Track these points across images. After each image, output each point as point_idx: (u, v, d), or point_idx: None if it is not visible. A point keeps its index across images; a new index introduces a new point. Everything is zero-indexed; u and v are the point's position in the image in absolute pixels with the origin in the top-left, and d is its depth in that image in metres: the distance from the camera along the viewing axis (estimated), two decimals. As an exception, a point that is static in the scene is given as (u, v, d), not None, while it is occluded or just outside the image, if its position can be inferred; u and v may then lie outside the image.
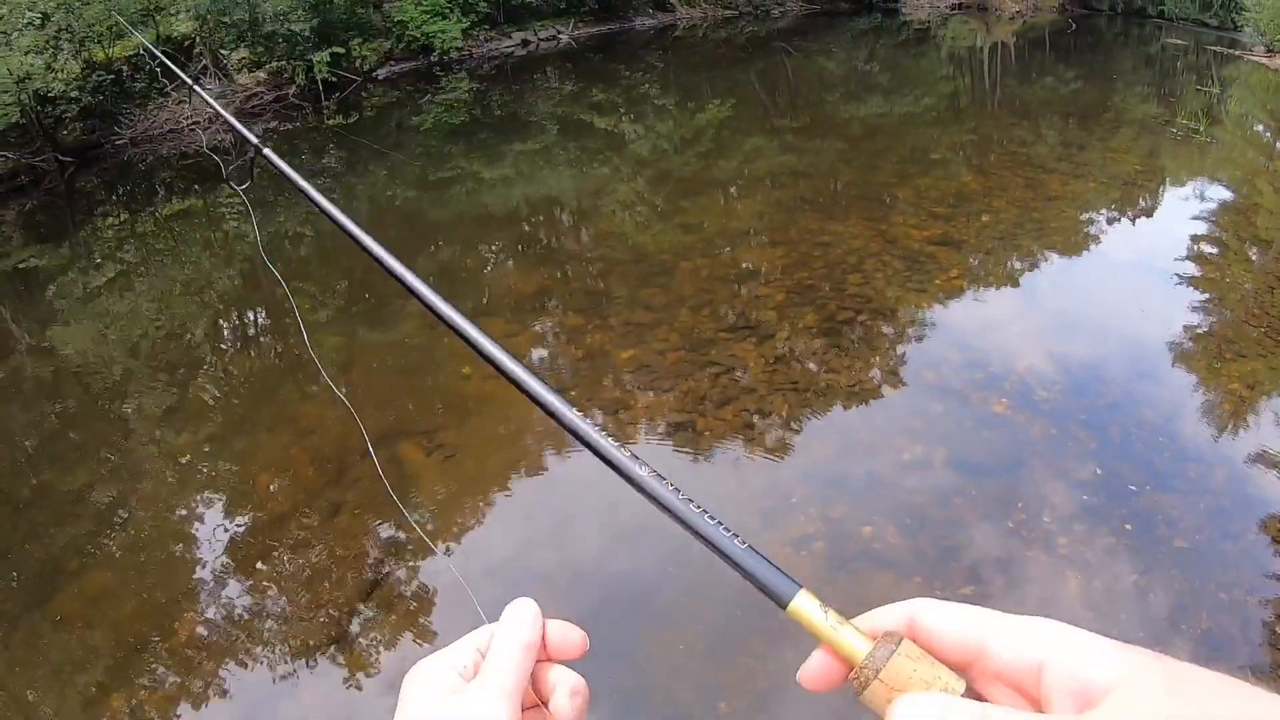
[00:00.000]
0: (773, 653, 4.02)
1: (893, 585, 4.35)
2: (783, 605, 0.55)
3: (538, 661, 0.63)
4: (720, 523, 0.59)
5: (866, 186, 11.04)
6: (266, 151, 1.45)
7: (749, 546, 0.57)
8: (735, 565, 0.57)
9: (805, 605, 0.55)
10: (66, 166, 13.71)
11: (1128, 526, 4.65)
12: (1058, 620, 0.50)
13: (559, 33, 22.40)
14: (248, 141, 1.50)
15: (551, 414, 0.69)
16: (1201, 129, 12.93)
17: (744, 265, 8.57)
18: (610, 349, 6.95)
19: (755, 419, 5.89)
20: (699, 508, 0.60)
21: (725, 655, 4.05)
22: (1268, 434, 5.56)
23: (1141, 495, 4.90)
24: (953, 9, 28.46)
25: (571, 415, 0.68)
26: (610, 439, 0.64)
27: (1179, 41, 21.49)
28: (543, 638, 0.64)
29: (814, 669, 0.55)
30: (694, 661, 4.03)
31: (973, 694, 0.50)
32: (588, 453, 0.65)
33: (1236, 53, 19.45)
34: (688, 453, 5.63)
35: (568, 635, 0.66)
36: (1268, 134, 14.25)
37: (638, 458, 0.63)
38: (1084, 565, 4.41)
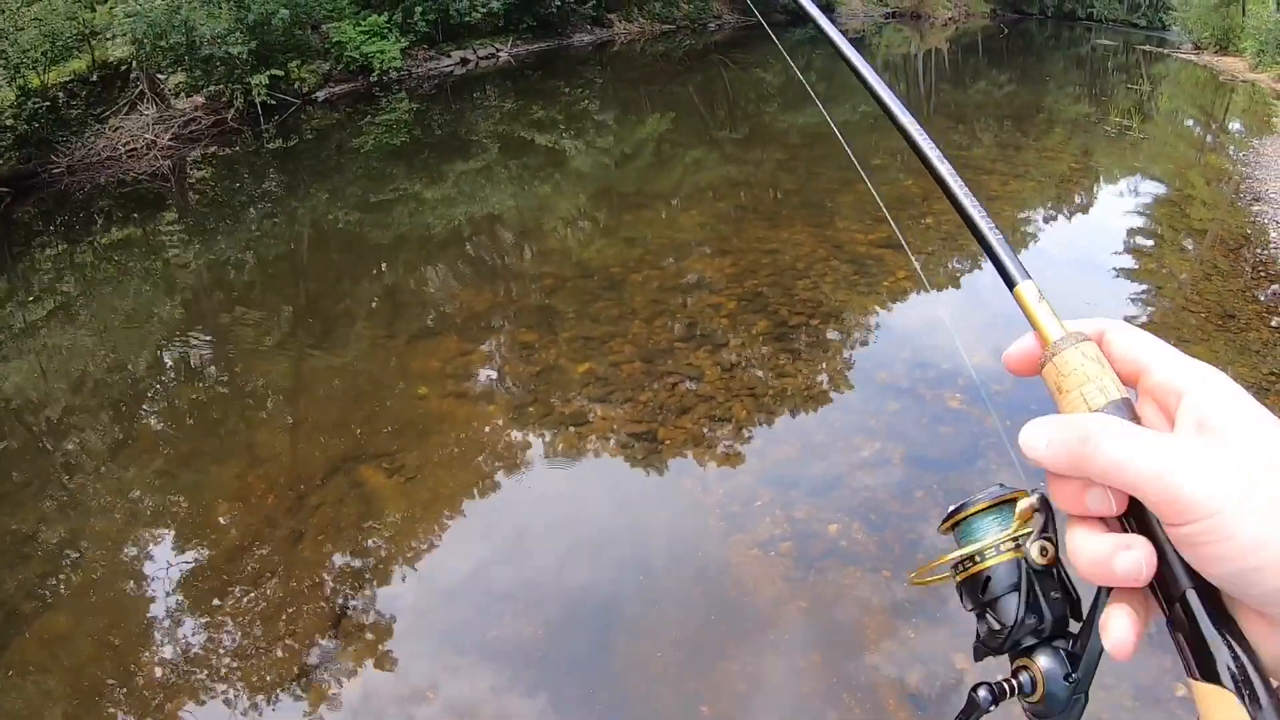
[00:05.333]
0: (750, 655, 4.03)
1: (862, 580, 4.39)
2: (1010, 286, 0.65)
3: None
4: (995, 227, 0.68)
5: (809, 193, 11.17)
6: None
7: (1003, 238, 0.67)
8: (983, 243, 0.67)
9: (1027, 291, 0.64)
10: (2, 197, 13.36)
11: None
12: (1216, 371, 0.57)
13: (498, 51, 22.38)
14: None
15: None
16: (1135, 126, 13.27)
17: (693, 276, 8.60)
18: (565, 363, 6.93)
19: (715, 426, 5.91)
20: (976, 202, 0.69)
21: (703, 661, 4.05)
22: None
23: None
24: (887, 18, 28.97)
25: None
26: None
27: (1109, 42, 22.08)
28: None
29: (1017, 349, 0.65)
30: (672, 669, 4.02)
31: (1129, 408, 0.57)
32: (556, 467, 0.67)
33: (1165, 51, 20.04)
34: (650, 461, 5.64)
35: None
36: (1198, 128, 14.67)
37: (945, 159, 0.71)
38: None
